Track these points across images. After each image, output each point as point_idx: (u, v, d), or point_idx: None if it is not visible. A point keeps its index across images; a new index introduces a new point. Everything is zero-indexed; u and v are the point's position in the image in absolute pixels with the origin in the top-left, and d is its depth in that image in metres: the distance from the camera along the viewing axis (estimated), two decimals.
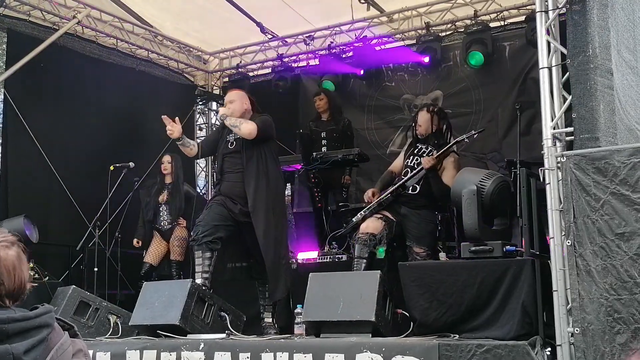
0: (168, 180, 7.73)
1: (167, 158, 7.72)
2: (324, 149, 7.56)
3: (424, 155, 5.74)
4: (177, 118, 5.78)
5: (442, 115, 5.98)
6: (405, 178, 5.72)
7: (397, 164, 6.10)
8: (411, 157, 5.86)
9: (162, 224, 7.60)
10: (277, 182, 5.80)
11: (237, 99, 5.81)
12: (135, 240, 7.73)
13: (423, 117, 5.88)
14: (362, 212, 5.75)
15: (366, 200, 5.91)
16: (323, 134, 7.75)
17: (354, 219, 5.80)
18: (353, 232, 5.75)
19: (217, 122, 5.70)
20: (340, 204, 7.41)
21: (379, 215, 5.64)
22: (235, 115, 5.69)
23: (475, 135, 5.81)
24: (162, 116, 5.71)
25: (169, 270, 7.50)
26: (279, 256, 5.64)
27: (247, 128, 5.56)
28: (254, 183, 5.59)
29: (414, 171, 5.70)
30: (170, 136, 5.75)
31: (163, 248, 7.57)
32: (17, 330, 1.72)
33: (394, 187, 5.73)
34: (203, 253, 5.51)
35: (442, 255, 5.68)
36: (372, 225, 5.56)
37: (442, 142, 5.78)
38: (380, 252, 5.54)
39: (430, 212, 5.72)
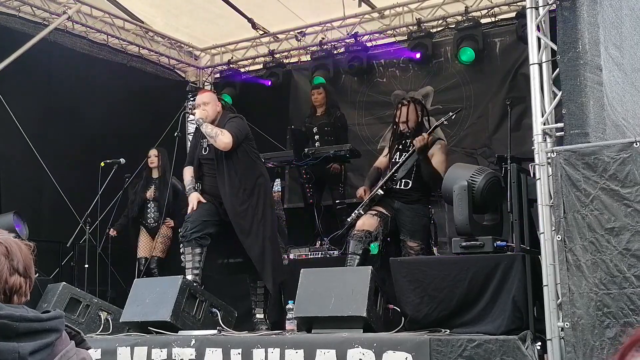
0: (155, 174, 7.71)
1: (153, 152, 7.71)
2: (317, 144, 7.53)
3: (410, 149, 5.70)
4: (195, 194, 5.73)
5: (421, 105, 6.00)
6: (397, 165, 5.67)
7: (383, 160, 6.06)
8: (397, 153, 5.82)
9: (149, 220, 7.59)
10: (251, 179, 5.71)
11: (211, 101, 5.79)
12: (110, 230, 7.54)
13: (409, 112, 5.82)
14: (356, 210, 5.73)
15: (358, 197, 5.90)
16: (315, 129, 7.76)
17: (349, 219, 5.77)
18: (349, 230, 5.74)
19: (195, 123, 5.67)
20: (337, 202, 7.37)
21: (373, 212, 5.62)
22: (210, 117, 5.67)
23: (453, 116, 5.78)
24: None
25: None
26: (266, 248, 5.63)
27: (223, 142, 5.52)
28: (228, 190, 5.59)
29: (405, 156, 5.65)
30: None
31: (152, 242, 7.55)
32: (27, 330, 1.70)
33: (386, 177, 5.69)
34: (193, 249, 5.51)
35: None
36: (367, 222, 5.55)
37: (426, 131, 5.75)
38: (373, 248, 5.55)
39: (423, 207, 5.72)
